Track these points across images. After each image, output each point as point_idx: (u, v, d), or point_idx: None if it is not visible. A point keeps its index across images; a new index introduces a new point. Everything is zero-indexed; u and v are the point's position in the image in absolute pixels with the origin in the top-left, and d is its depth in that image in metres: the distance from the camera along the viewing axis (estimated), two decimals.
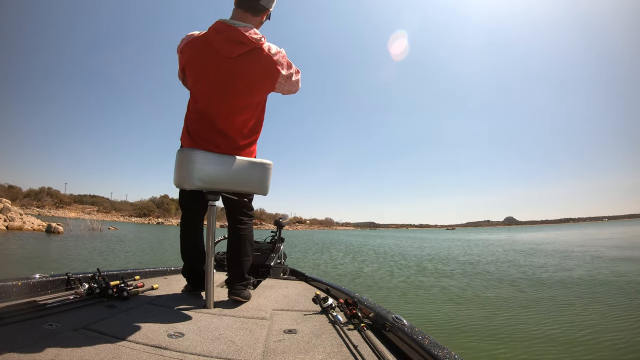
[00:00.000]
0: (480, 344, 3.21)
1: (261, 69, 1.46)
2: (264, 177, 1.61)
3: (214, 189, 1.50)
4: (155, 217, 60.45)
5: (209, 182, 1.44)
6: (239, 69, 1.43)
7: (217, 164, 1.46)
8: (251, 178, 1.58)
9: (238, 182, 1.55)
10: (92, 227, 23.04)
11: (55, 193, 57.23)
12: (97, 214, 57.78)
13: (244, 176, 1.56)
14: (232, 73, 1.43)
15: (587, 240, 20.34)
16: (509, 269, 8.46)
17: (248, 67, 1.44)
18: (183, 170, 1.40)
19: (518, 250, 14.28)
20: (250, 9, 1.45)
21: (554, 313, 4.27)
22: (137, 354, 0.99)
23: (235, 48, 1.39)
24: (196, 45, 1.45)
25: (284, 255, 2.89)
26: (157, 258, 10.40)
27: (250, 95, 1.49)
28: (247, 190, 1.63)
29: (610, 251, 12.40)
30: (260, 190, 1.63)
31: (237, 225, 1.73)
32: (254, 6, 1.45)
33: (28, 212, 43.04)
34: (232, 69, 1.42)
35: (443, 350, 0.95)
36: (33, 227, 18.08)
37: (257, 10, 1.47)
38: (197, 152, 1.42)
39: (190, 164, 1.39)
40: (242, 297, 1.63)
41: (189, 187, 1.41)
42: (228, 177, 1.50)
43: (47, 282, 1.51)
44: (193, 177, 1.39)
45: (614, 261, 9.41)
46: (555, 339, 3.31)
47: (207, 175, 1.43)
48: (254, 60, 1.44)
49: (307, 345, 1.14)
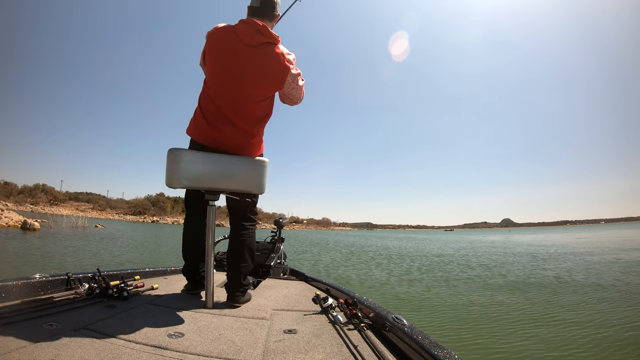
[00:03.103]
0: (481, 343, 3.24)
1: (274, 63, 1.54)
2: (257, 175, 1.57)
3: (204, 188, 1.51)
4: (151, 216, 60.03)
5: (197, 181, 1.47)
6: (254, 59, 1.52)
7: (206, 162, 1.48)
8: (243, 176, 1.55)
9: (229, 180, 1.53)
10: (77, 225, 21.97)
11: (50, 190, 56.60)
12: (92, 211, 57.26)
13: (236, 174, 1.53)
14: (247, 62, 1.52)
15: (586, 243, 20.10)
16: (530, 272, 8.19)
17: (262, 58, 1.53)
18: (171, 170, 1.43)
19: (534, 253, 13.62)
20: (266, 15, 1.63)
21: (554, 313, 4.32)
22: (137, 354, 0.99)
23: (257, 37, 1.52)
24: (222, 32, 1.56)
25: (284, 255, 2.89)
26: (129, 259, 9.36)
27: (260, 86, 1.55)
28: (241, 189, 1.60)
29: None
30: (255, 188, 1.59)
31: (239, 231, 1.72)
32: (269, 13, 1.64)
33: (21, 208, 42.60)
34: (248, 58, 1.51)
35: (443, 350, 0.96)
36: (8, 224, 16.94)
37: (271, 17, 1.66)
38: (184, 151, 1.46)
39: (178, 163, 1.42)
40: (240, 303, 1.63)
41: (177, 186, 1.45)
42: (218, 175, 1.49)
43: (47, 282, 1.51)
44: (181, 176, 1.43)
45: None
46: (556, 339, 3.35)
47: (194, 174, 1.45)
48: (269, 53, 1.53)
49: (307, 345, 1.15)
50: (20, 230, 16.32)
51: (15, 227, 17.03)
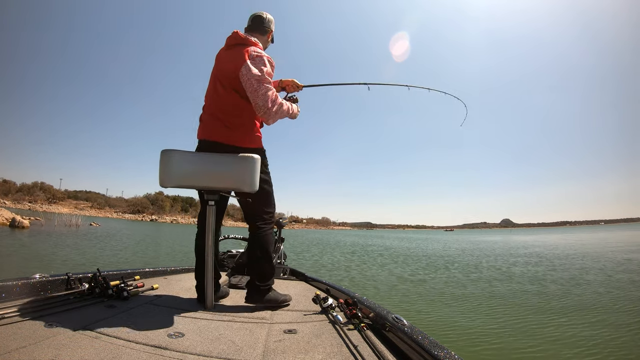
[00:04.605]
0: (481, 343, 3.24)
1: (237, 56, 1.66)
2: (247, 172, 1.52)
3: (194, 186, 1.55)
4: (149, 214, 59.92)
5: (187, 180, 1.52)
6: (224, 57, 1.73)
7: (194, 161, 1.53)
8: (232, 173, 1.53)
9: (218, 178, 1.52)
10: (70, 223, 21.23)
11: (48, 188, 56.43)
12: (91, 210, 57.13)
13: (224, 171, 1.52)
14: (220, 60, 1.75)
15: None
16: (532, 274, 7.94)
17: (230, 54, 1.70)
18: (163, 170, 1.50)
19: (539, 254, 13.16)
20: (256, 30, 1.84)
21: (555, 313, 4.31)
22: (137, 354, 0.99)
23: (232, 40, 1.74)
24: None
25: (284, 255, 2.90)
26: (110, 262, 8.17)
27: (224, 78, 1.68)
28: (232, 187, 1.57)
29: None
30: (246, 186, 1.54)
31: (251, 231, 1.73)
32: (258, 28, 1.85)
33: (19, 206, 42.40)
34: (221, 57, 1.75)
35: (443, 350, 0.96)
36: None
37: (262, 31, 1.85)
38: (175, 151, 1.51)
39: (169, 163, 1.49)
40: (254, 302, 1.64)
41: (168, 185, 1.51)
42: (206, 173, 1.51)
43: (47, 282, 1.51)
44: (172, 175, 1.49)
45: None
46: (557, 339, 3.34)
47: (184, 173, 1.50)
48: (236, 51, 1.68)
49: (307, 345, 1.15)
50: (8, 228, 15.69)
51: (4, 224, 16.40)
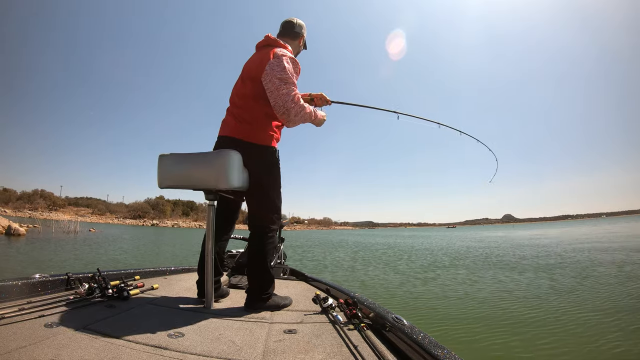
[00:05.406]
0: (481, 343, 3.23)
1: (263, 56, 1.67)
2: (221, 168, 1.49)
3: (182, 186, 1.61)
4: (150, 219, 59.88)
5: (175, 181, 1.60)
6: (252, 58, 1.77)
7: (177, 162, 1.59)
8: (208, 170, 1.52)
9: (199, 176, 1.54)
10: (68, 230, 21.03)
11: (49, 195, 56.58)
12: (92, 216, 57.16)
13: (203, 169, 1.53)
14: (247, 62, 1.78)
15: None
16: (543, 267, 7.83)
17: (257, 56, 1.73)
18: (159, 173, 1.61)
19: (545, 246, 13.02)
20: (286, 35, 1.88)
21: (556, 313, 4.27)
22: (137, 354, 0.99)
23: (262, 42, 1.79)
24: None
25: (284, 255, 2.90)
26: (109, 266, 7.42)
27: (250, 81, 1.67)
28: (210, 184, 1.54)
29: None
30: (220, 182, 1.50)
31: (250, 235, 1.70)
32: (288, 33, 1.88)
33: (20, 214, 42.42)
34: (249, 60, 1.78)
35: (443, 350, 0.96)
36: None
37: (293, 36, 1.89)
38: (168, 155, 1.61)
39: (162, 166, 1.60)
40: (253, 309, 1.60)
41: (162, 187, 1.62)
42: (188, 173, 1.57)
43: (47, 282, 1.51)
44: (164, 177, 1.61)
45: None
46: (558, 339, 3.32)
47: (171, 174, 1.60)
48: (264, 52, 1.70)
49: (307, 345, 1.15)
50: (4, 236, 15.36)
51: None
